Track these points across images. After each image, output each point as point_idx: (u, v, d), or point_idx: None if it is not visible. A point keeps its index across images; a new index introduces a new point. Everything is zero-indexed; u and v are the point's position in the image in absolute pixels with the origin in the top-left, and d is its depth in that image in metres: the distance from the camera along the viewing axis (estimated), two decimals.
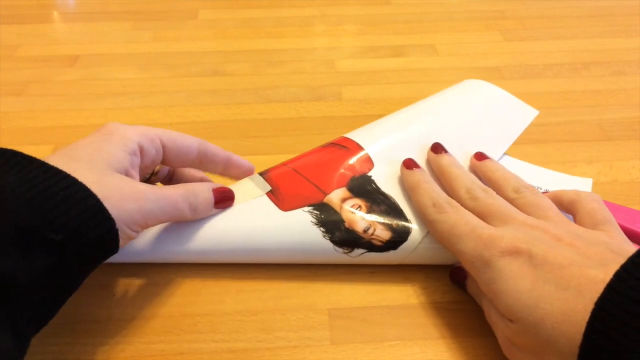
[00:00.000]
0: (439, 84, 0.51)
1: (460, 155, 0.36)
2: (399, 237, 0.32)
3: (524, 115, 0.41)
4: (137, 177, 0.30)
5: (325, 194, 0.34)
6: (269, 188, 0.34)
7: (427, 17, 0.62)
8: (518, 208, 0.30)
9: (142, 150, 0.30)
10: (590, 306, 0.22)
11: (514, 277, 0.26)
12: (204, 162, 0.34)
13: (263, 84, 0.51)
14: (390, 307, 0.32)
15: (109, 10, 0.64)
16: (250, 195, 0.34)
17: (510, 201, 0.31)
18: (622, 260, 0.23)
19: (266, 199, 0.34)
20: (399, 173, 0.35)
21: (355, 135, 0.37)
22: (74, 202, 0.24)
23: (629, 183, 0.40)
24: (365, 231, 0.32)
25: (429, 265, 0.34)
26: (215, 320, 0.31)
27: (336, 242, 0.32)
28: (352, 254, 0.32)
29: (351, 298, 0.32)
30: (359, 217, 0.33)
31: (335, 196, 0.34)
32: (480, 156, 0.36)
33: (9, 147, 0.42)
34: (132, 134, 0.29)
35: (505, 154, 0.39)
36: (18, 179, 0.24)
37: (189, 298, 0.32)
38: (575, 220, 0.31)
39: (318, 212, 0.33)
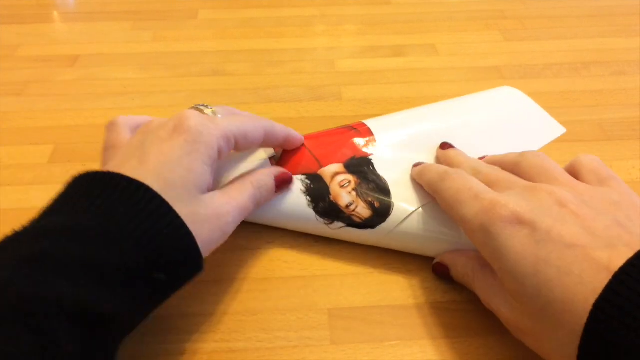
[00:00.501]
0: (439, 84, 0.51)
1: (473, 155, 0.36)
2: (378, 217, 0.33)
3: (549, 130, 0.41)
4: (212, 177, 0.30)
5: (322, 167, 0.35)
6: (272, 154, 0.36)
7: (427, 17, 0.62)
8: (523, 171, 0.30)
9: (220, 153, 0.30)
10: (590, 298, 0.22)
11: (516, 255, 0.25)
12: (263, 145, 0.34)
13: (263, 84, 0.51)
14: (390, 307, 0.32)
15: (109, 10, 0.64)
16: (256, 158, 0.36)
17: (515, 165, 0.31)
18: (628, 238, 0.23)
19: (267, 162, 0.36)
20: (398, 160, 0.36)
21: (370, 122, 0.39)
22: (176, 243, 0.25)
23: (629, 183, 0.39)
24: (347, 206, 0.34)
25: (429, 265, 0.34)
26: (215, 320, 0.31)
27: (319, 212, 0.34)
28: (332, 225, 0.34)
29: (351, 298, 0.32)
30: (344, 192, 0.34)
31: (329, 169, 0.35)
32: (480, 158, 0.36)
33: (9, 147, 0.43)
34: (214, 140, 0.29)
35: None
36: (128, 212, 0.24)
37: (188, 298, 0.32)
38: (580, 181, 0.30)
39: (309, 182, 0.35)
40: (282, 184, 0.33)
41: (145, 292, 0.25)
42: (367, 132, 0.38)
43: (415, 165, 0.35)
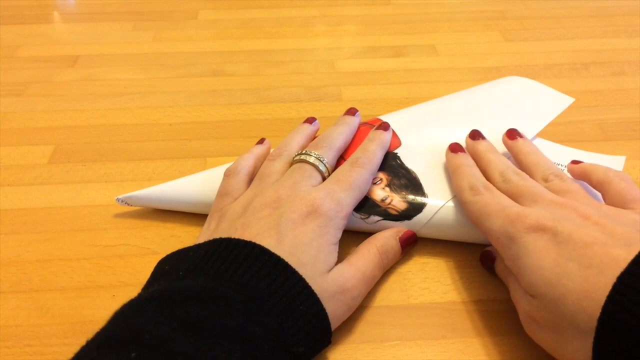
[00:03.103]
0: (439, 84, 0.51)
1: (490, 138, 0.37)
2: (414, 209, 0.34)
3: (557, 102, 0.42)
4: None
5: None
6: None
7: (427, 17, 0.62)
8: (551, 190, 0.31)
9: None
10: (611, 284, 0.23)
11: (537, 253, 0.26)
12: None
13: (263, 85, 0.51)
14: (390, 307, 0.32)
15: (109, 10, 0.64)
16: None
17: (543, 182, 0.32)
18: None
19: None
20: (424, 150, 0.37)
21: (388, 117, 0.39)
22: (310, 317, 0.26)
23: None
24: (383, 200, 0.34)
25: (429, 265, 0.34)
26: None
27: (355, 208, 0.33)
28: (369, 220, 0.34)
29: None
30: (378, 188, 0.34)
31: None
32: (511, 134, 0.36)
33: (9, 147, 0.43)
34: (341, 223, 0.31)
35: (536, 136, 0.40)
36: (268, 288, 0.26)
37: None
38: (605, 200, 0.31)
39: None
40: (408, 245, 0.33)
41: None
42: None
43: (452, 149, 0.36)
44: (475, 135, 0.36)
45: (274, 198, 0.30)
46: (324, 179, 0.33)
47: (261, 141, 0.38)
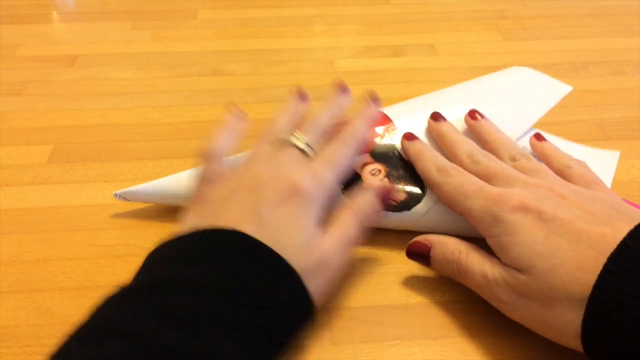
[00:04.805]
0: (439, 83, 0.51)
1: None
2: (412, 199, 0.34)
3: (555, 90, 0.42)
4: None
5: None
6: None
7: (427, 17, 0.62)
8: (521, 171, 0.32)
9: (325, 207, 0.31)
10: (601, 257, 0.24)
11: (527, 229, 0.27)
12: None
13: (262, 84, 0.51)
14: (390, 306, 0.32)
15: (108, 10, 0.64)
16: None
17: (514, 165, 0.33)
18: (623, 217, 0.26)
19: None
20: (423, 140, 0.37)
21: (387, 110, 0.39)
22: (296, 307, 0.27)
23: (628, 183, 0.40)
24: None
25: (428, 265, 0.34)
26: None
27: None
28: None
29: (351, 298, 0.32)
30: (376, 179, 0.35)
31: (357, 160, 0.36)
32: (473, 115, 0.37)
33: (8, 147, 0.43)
34: (322, 202, 0.30)
35: (534, 128, 0.40)
36: (249, 273, 0.26)
37: None
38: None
39: None
40: (385, 198, 0.33)
41: (268, 351, 0.25)
42: (386, 119, 0.38)
43: (407, 138, 0.36)
44: (437, 116, 0.37)
45: (256, 182, 0.30)
46: (310, 160, 0.33)
47: (236, 119, 0.37)
